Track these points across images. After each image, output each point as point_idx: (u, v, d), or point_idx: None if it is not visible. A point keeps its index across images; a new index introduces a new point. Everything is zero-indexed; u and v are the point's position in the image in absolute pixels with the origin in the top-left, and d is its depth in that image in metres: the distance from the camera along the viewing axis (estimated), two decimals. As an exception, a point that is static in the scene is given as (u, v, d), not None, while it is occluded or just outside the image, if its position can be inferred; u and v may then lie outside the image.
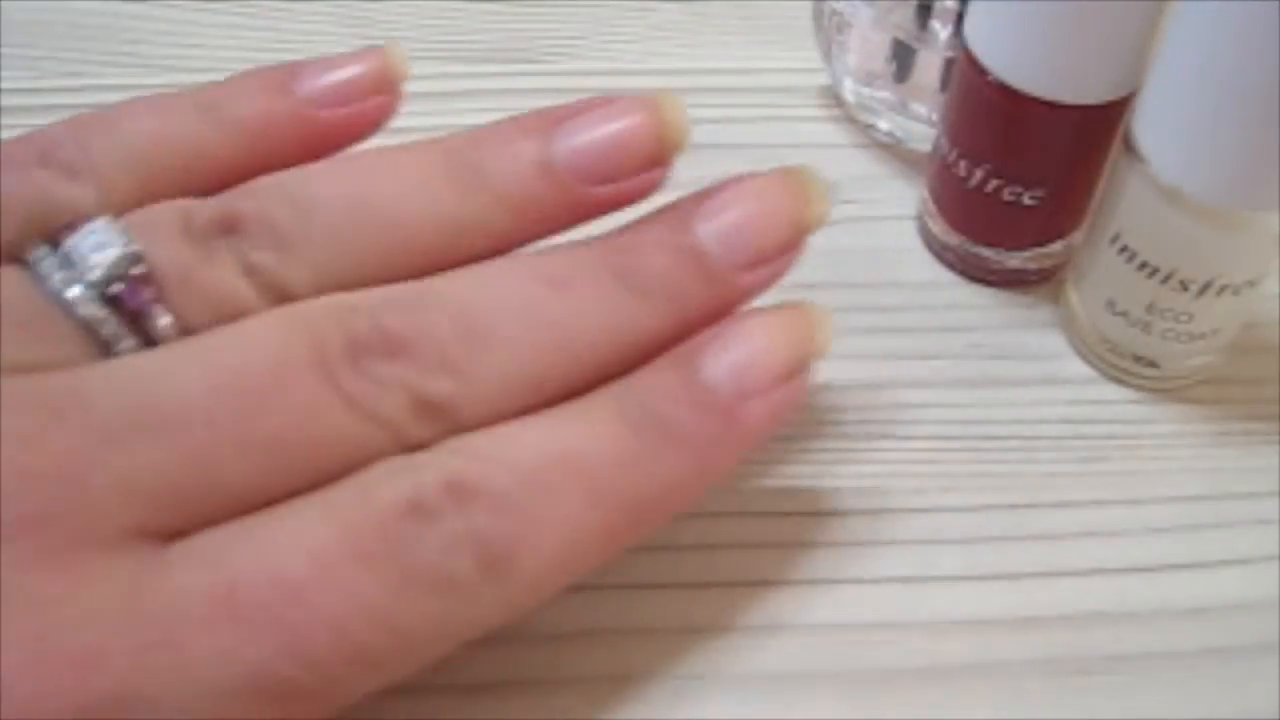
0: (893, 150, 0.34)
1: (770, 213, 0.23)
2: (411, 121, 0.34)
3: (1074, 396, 0.29)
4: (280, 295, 0.21)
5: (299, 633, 0.18)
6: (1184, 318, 0.27)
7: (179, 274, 0.20)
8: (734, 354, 0.21)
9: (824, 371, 0.29)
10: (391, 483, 0.19)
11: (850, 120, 0.35)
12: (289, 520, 0.19)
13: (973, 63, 0.27)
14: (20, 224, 0.21)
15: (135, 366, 0.20)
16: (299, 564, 0.18)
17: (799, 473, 0.27)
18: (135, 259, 0.20)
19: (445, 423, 0.20)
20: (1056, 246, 0.30)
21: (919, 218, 0.32)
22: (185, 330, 0.20)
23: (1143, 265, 0.27)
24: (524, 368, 0.21)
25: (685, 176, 0.33)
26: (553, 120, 0.23)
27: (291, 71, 0.24)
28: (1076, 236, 0.30)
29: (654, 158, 0.23)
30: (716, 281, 0.22)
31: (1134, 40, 0.26)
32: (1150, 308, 0.27)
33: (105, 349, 0.20)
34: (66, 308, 0.20)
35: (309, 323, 0.20)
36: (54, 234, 0.20)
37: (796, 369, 0.22)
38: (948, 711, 0.24)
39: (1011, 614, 0.25)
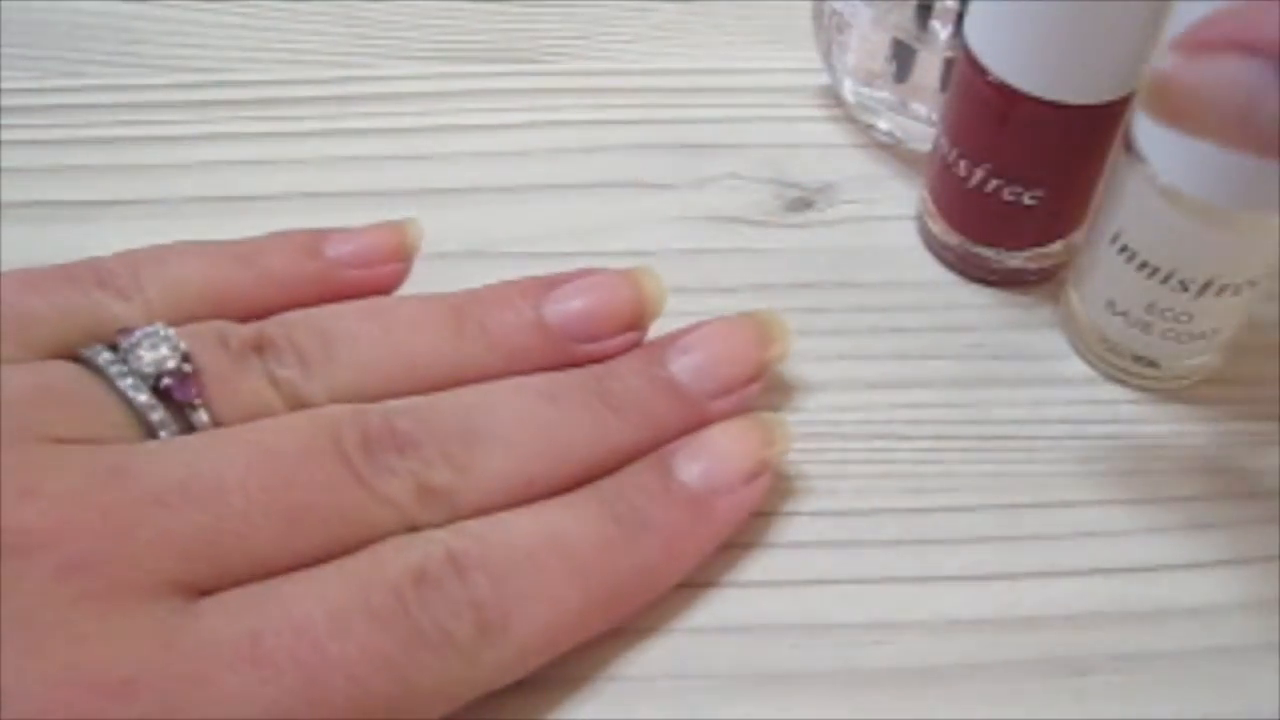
0: (893, 150, 0.34)
1: (735, 352, 0.26)
2: (412, 121, 0.34)
3: (1074, 396, 0.29)
4: (301, 406, 0.24)
5: (317, 677, 0.20)
6: (1184, 318, 0.27)
7: (217, 377, 0.23)
8: (704, 459, 0.25)
9: (825, 371, 0.29)
10: (401, 554, 0.22)
11: (850, 120, 0.35)
12: (310, 582, 0.21)
13: (972, 62, 0.27)
14: (77, 330, 0.24)
15: (180, 444, 0.22)
16: (319, 618, 0.20)
17: (799, 472, 0.27)
18: (184, 358, 0.23)
19: (446, 508, 0.23)
20: (1056, 246, 0.30)
21: (919, 218, 0.32)
22: (219, 425, 0.23)
23: (1143, 265, 0.27)
24: (516, 466, 0.24)
25: (689, 175, 0.33)
26: (547, 285, 0.26)
27: (323, 236, 0.27)
28: (1076, 236, 0.30)
29: (632, 324, 0.26)
30: (687, 405, 0.25)
31: (1134, 40, 0.26)
32: (1150, 308, 0.27)
33: (151, 433, 0.22)
34: (120, 395, 0.22)
35: (330, 420, 0.23)
36: (110, 338, 0.23)
37: (758, 471, 0.25)
38: (948, 711, 0.24)
39: (1011, 614, 0.25)
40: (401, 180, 0.33)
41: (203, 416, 0.23)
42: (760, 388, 0.26)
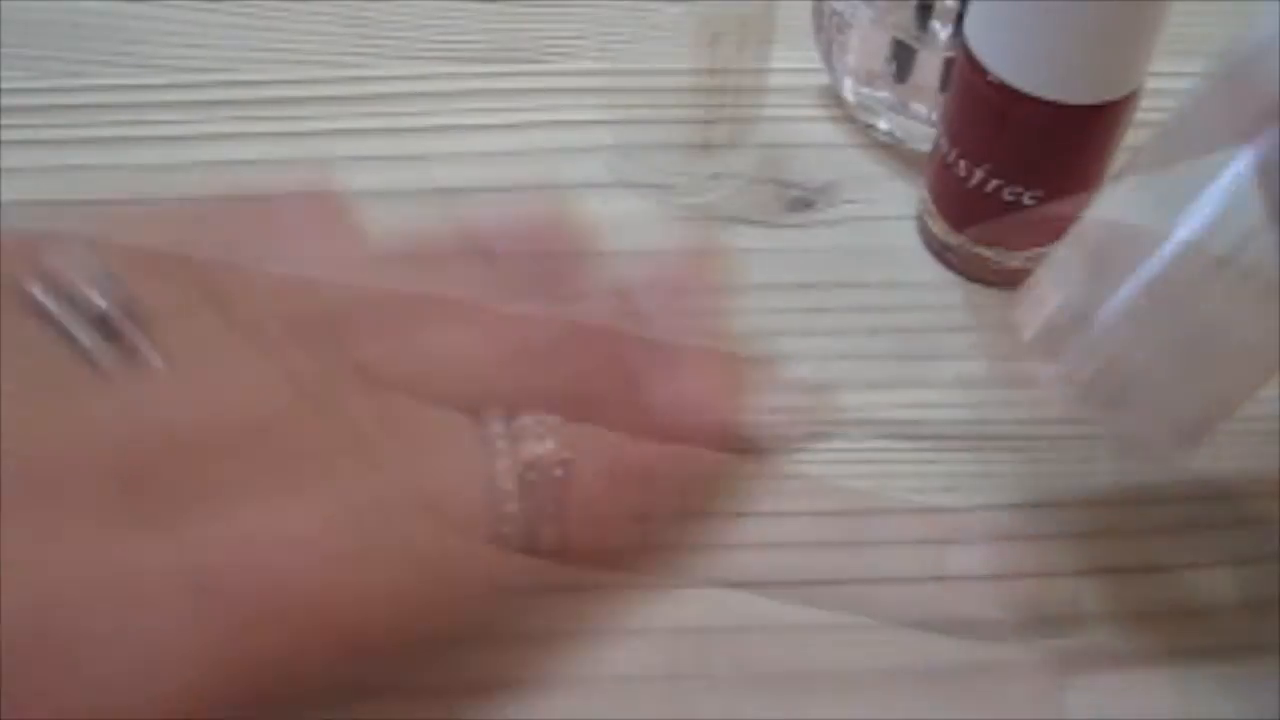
0: (893, 150, 0.34)
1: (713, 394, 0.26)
2: (412, 121, 0.34)
3: (1074, 396, 0.29)
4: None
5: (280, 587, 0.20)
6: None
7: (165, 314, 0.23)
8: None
9: (825, 371, 0.29)
10: (360, 481, 0.22)
11: (850, 120, 0.35)
12: (269, 504, 0.21)
13: (972, 62, 0.27)
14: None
15: (133, 375, 0.22)
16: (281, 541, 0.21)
17: (799, 472, 0.27)
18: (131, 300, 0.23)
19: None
20: (1056, 246, 0.30)
21: (919, 218, 0.32)
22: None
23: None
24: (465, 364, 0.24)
25: (689, 175, 0.33)
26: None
27: None
28: (1076, 236, 0.30)
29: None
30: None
31: (1134, 40, 0.26)
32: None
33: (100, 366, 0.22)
34: (69, 337, 0.22)
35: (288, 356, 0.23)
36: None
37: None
38: (948, 712, 0.24)
39: (1011, 614, 0.25)
40: (401, 180, 0.33)
41: (152, 355, 0.23)
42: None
